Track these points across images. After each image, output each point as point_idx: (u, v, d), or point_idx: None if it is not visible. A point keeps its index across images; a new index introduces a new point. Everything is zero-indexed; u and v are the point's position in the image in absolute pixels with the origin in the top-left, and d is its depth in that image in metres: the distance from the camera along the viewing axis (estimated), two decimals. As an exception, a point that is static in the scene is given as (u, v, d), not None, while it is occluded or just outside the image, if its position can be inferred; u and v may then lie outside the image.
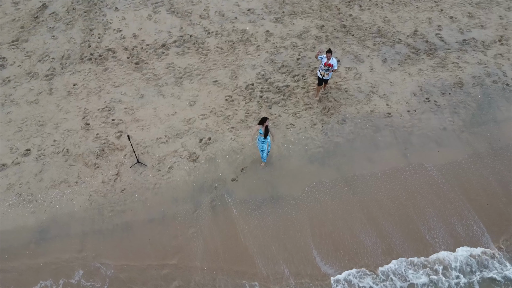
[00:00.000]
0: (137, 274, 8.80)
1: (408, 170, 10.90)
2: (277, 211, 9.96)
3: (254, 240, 9.48)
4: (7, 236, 9.11)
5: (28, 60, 12.15)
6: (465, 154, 11.46)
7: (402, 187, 10.60)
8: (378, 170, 10.83)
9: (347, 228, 9.76)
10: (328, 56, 10.85)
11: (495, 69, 13.82)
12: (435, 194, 10.47)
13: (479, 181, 10.96)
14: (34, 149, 10.45)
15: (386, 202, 10.25)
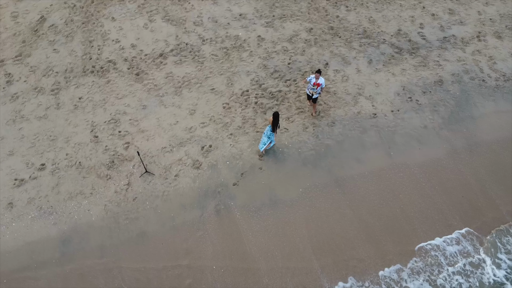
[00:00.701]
0: (153, 275, 9.88)
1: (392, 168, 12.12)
2: (275, 212, 11.07)
3: (255, 240, 10.59)
4: (33, 247, 10.04)
5: (33, 75, 12.70)
6: (444, 151, 12.65)
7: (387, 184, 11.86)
8: (366, 169, 11.99)
9: (338, 225, 10.97)
10: (317, 76, 11.54)
11: (473, 66, 14.75)
12: (416, 190, 11.72)
13: (456, 175, 12.21)
14: (49, 163, 11.24)
15: (374, 199, 11.49)
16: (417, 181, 11.81)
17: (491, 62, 14.87)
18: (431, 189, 11.71)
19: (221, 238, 10.56)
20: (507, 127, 13.43)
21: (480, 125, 13.33)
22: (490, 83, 14.33)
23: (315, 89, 11.79)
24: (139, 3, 14.60)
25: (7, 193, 10.71)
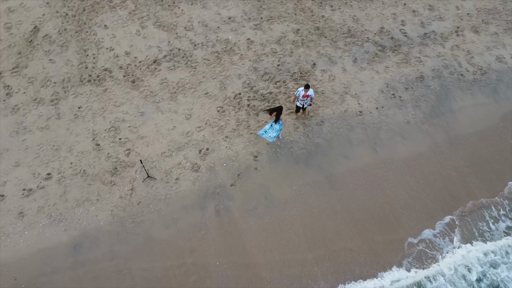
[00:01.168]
0: (161, 274, 10.63)
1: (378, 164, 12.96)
2: (271, 210, 11.85)
3: (253, 236, 11.37)
4: (47, 253, 10.67)
5: (31, 87, 13.03)
6: (426, 145, 13.51)
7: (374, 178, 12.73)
8: (353, 166, 12.80)
9: (329, 220, 11.83)
10: (306, 90, 12.07)
11: (452, 61, 15.52)
12: (401, 184, 12.62)
13: (437, 168, 13.12)
14: (54, 172, 11.76)
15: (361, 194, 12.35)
16: (402, 175, 12.68)
17: (469, 57, 15.66)
18: (415, 182, 12.64)
19: (222, 237, 11.34)
20: (484, 119, 14.34)
21: (459, 118, 14.21)
22: (468, 77, 15.16)
23: (305, 100, 12.39)
24: (129, 9, 14.89)
25: (17, 203, 11.26)
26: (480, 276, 11.37)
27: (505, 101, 14.79)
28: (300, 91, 12.16)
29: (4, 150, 11.96)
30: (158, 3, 15.16)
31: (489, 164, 13.26)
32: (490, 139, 13.84)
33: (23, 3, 14.43)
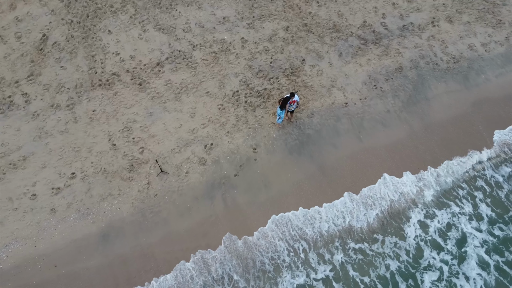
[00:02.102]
0: (180, 255, 12.35)
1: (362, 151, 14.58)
2: (270, 195, 13.50)
3: (255, 217, 13.09)
4: (79, 243, 12.24)
5: (47, 93, 14.10)
6: (404, 131, 15.13)
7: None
8: (341, 153, 14.39)
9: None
10: (292, 97, 13.23)
11: (428, 51, 16.90)
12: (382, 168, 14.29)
13: (414, 152, 14.80)
14: (78, 172, 13.12)
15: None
16: (383, 160, 14.41)
17: (443, 46, 17.05)
18: (395, 166, 14.37)
19: (229, 220, 13.04)
20: (456, 105, 15.96)
21: (433, 105, 15.80)
22: (442, 66, 16.62)
23: (292, 105, 13.68)
24: (130, 13, 15.75)
25: (48, 201, 12.70)
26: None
27: (474, 88, 16.39)
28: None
29: (30, 154, 13.25)
30: (156, 6, 16.03)
31: (459, 147, 15.05)
32: (461, 124, 15.59)
33: (30, 11, 15.20)
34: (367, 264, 12.76)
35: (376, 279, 12.57)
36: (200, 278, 12.17)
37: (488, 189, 14.38)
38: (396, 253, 12.98)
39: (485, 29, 17.82)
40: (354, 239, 13.10)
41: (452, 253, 13.13)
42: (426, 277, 12.64)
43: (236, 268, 12.35)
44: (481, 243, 13.32)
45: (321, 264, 12.68)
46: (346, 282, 12.44)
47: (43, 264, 11.90)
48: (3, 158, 13.09)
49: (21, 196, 12.70)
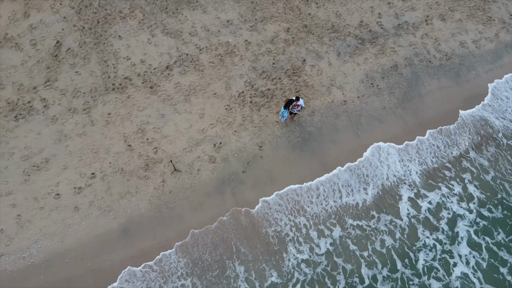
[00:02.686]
0: (194, 245, 13.40)
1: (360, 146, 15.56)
2: (275, 189, 14.49)
3: (262, 208, 14.10)
4: (102, 238, 13.21)
5: (64, 98, 14.82)
6: (399, 127, 16.03)
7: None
8: (340, 149, 15.33)
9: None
10: (296, 101, 13.99)
11: (422, 49, 17.66)
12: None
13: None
14: (97, 172, 13.99)
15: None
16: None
17: (436, 44, 17.81)
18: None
19: (237, 216, 14.01)
20: (447, 100, 16.84)
21: (426, 101, 16.67)
22: (435, 63, 17.42)
23: (295, 108, 14.48)
24: (138, 19, 16.34)
25: (71, 200, 13.60)
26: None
27: (465, 83, 17.25)
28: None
29: (52, 156, 14.08)
30: (163, 11, 16.62)
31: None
32: (451, 118, 16.50)
33: (43, 19, 15.76)
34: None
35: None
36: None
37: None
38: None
39: (476, 26, 18.56)
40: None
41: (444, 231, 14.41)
42: (421, 254, 13.97)
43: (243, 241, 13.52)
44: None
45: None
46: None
47: (70, 258, 12.90)
48: (27, 161, 13.94)
49: (46, 195, 13.61)
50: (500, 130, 16.41)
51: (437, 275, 13.69)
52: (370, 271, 13.61)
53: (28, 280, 12.54)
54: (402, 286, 13.45)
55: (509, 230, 14.61)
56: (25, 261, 12.75)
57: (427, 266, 13.75)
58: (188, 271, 13.12)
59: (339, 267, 13.62)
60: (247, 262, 13.38)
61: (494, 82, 17.32)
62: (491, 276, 13.78)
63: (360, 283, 13.39)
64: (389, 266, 13.72)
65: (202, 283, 12.97)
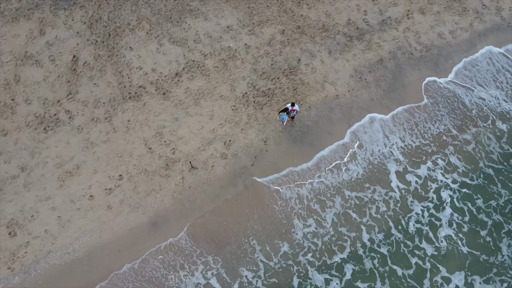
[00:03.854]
0: (216, 234, 15.17)
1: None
2: (280, 178, 16.17)
3: (270, 195, 15.82)
4: (135, 231, 14.82)
5: (86, 109, 16.00)
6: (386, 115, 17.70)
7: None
8: (336, 139, 16.97)
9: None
10: (292, 106, 15.35)
11: (404, 42, 19.02)
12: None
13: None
14: (124, 173, 15.44)
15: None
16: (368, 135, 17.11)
17: (417, 37, 19.18)
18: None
19: (251, 202, 15.76)
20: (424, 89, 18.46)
21: (409, 91, 18.22)
22: (416, 55, 18.86)
23: (292, 113, 15.78)
24: (146, 29, 17.28)
25: (103, 200, 15.12)
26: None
27: (443, 72, 18.83)
28: (288, 106, 15.54)
29: (82, 162, 15.45)
30: (168, 21, 17.57)
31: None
32: (435, 109, 18.18)
33: (58, 35, 16.62)
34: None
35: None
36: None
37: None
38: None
39: (452, 17, 19.89)
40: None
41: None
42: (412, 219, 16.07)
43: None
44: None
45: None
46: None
47: (109, 250, 14.59)
48: (60, 168, 15.31)
49: (81, 198, 15.11)
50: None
51: (427, 237, 15.80)
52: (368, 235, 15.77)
53: (75, 271, 14.23)
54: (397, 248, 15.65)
55: (488, 197, 16.75)
56: (70, 255, 14.43)
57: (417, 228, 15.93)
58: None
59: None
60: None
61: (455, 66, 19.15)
62: (472, 236, 15.86)
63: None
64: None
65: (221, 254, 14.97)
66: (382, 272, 15.10)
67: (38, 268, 14.11)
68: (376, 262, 15.23)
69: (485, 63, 19.13)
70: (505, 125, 17.84)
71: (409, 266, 15.21)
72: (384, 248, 15.39)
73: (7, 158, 15.11)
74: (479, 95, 18.40)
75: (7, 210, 14.60)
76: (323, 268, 15.06)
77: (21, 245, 14.32)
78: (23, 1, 16.64)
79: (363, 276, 15.02)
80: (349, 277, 14.97)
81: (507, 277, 15.29)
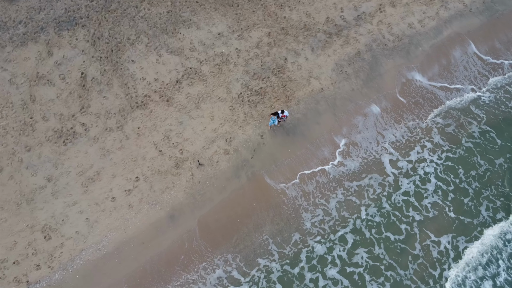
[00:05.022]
0: (226, 221, 16.92)
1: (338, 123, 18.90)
2: (278, 167, 17.87)
3: (271, 181, 17.57)
4: (155, 225, 16.35)
5: (99, 120, 17.26)
6: (366, 103, 19.38)
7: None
8: (323, 128, 18.66)
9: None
10: (282, 112, 16.79)
11: (378, 35, 20.52)
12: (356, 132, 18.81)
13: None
14: (140, 175, 16.93)
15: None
16: (355, 126, 18.84)
17: (389, 28, 20.66)
18: (363, 128, 18.86)
19: (253, 190, 17.48)
20: (401, 77, 20.14)
21: (385, 79, 19.83)
22: (389, 45, 20.40)
23: (283, 118, 17.21)
24: (145, 42, 18.36)
25: (124, 200, 16.64)
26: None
27: (414, 59, 20.49)
28: (279, 113, 17.08)
29: (101, 169, 16.85)
30: (164, 32, 18.67)
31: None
32: (406, 92, 19.90)
33: (65, 55, 17.63)
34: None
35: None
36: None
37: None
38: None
39: (420, 7, 21.37)
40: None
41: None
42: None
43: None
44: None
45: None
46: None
47: (134, 243, 16.22)
48: (83, 176, 16.72)
49: (104, 200, 16.62)
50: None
51: (414, 206, 17.86)
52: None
53: (107, 264, 15.90)
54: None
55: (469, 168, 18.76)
56: (100, 251, 16.05)
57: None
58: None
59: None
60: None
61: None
62: (457, 202, 18.01)
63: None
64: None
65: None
66: (378, 239, 17.17)
67: (74, 265, 15.76)
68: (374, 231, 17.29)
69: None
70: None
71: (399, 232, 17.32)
72: (379, 219, 17.45)
73: (33, 171, 16.48)
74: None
75: (40, 217, 16.09)
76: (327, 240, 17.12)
77: (57, 246, 15.89)
78: (29, 25, 17.57)
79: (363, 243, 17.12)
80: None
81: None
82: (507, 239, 17.21)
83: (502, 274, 16.63)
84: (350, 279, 16.31)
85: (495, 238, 17.25)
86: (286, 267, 16.31)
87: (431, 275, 16.50)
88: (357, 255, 16.71)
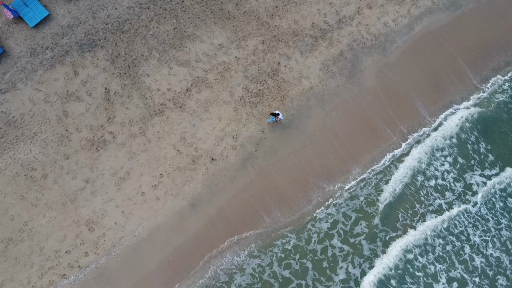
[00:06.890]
0: (239, 206, 19.46)
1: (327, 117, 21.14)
2: (278, 158, 20.27)
3: (274, 171, 20.05)
4: (180, 212, 18.77)
5: (124, 128, 19.39)
6: (350, 98, 21.62)
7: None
8: (315, 122, 20.96)
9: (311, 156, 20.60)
10: (277, 114, 18.85)
11: (358, 35, 22.43)
12: (342, 127, 21.16)
13: (361, 110, 21.45)
14: (163, 172, 19.20)
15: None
16: (340, 120, 21.11)
17: (367, 29, 22.53)
18: (348, 122, 21.15)
19: (259, 180, 19.86)
20: (379, 72, 22.31)
21: (365, 74, 21.86)
22: (368, 44, 22.33)
23: (278, 119, 19.26)
24: (156, 58, 20.19)
25: (152, 194, 19.01)
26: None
27: (390, 55, 22.57)
28: (272, 117, 19.17)
29: (130, 169, 19.12)
30: (172, 47, 20.55)
31: (389, 104, 21.80)
32: (386, 87, 22.10)
33: (89, 73, 19.56)
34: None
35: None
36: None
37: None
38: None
39: (393, 7, 23.13)
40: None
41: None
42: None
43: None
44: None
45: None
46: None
47: (164, 229, 18.69)
48: (115, 176, 19.02)
49: (135, 195, 19.02)
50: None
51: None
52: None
53: (143, 247, 18.45)
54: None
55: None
56: (136, 237, 18.54)
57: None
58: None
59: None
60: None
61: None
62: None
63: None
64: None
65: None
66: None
67: (116, 250, 18.33)
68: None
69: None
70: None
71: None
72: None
73: (73, 176, 18.81)
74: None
75: (83, 213, 18.54)
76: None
77: (100, 236, 18.43)
78: (55, 50, 19.45)
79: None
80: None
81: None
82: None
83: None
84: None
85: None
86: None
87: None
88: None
